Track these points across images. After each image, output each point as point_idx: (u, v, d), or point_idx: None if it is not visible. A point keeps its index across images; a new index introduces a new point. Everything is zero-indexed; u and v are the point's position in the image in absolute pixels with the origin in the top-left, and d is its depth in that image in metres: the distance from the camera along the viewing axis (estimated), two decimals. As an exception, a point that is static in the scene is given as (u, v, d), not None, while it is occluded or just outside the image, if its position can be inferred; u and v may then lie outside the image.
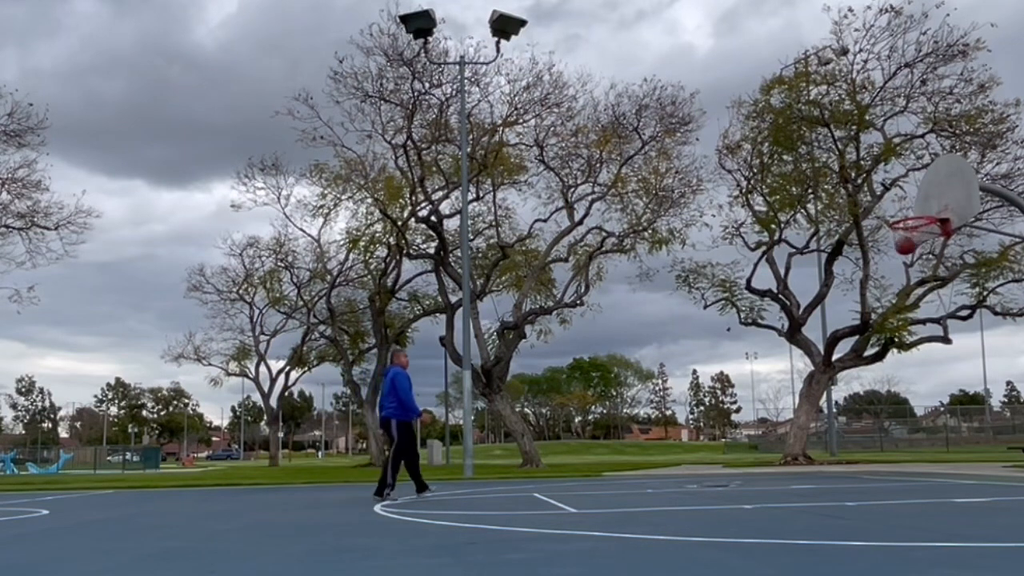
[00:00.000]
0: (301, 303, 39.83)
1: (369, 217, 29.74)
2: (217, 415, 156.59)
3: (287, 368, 43.87)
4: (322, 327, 39.27)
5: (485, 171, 26.78)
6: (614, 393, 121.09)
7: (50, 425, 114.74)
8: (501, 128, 26.60)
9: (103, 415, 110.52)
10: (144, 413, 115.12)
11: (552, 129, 26.61)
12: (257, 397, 53.53)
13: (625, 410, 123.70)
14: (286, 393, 48.08)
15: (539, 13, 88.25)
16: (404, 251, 30.54)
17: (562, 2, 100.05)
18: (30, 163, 26.08)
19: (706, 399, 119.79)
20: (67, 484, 20.09)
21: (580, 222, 27.62)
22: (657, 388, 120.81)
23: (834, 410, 44.81)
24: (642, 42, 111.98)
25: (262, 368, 44.53)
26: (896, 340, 21.85)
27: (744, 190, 23.64)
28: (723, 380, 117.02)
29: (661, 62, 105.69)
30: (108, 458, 52.39)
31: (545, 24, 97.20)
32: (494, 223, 29.12)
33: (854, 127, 21.47)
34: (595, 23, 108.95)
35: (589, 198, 27.53)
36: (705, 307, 24.78)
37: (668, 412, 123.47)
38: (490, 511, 8.74)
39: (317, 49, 71.77)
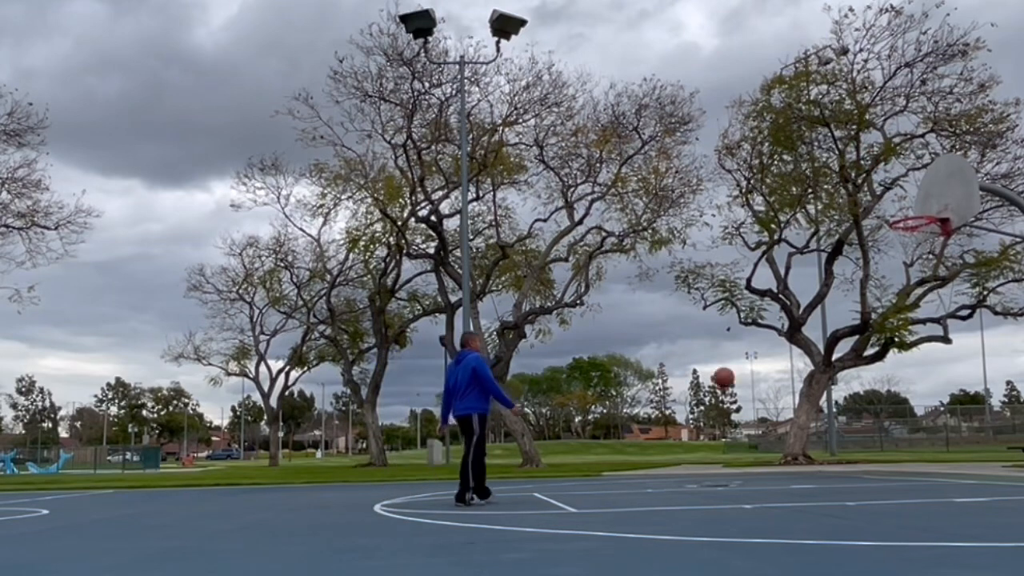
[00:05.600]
0: (301, 303, 39.85)
1: (369, 217, 29.78)
2: (217, 415, 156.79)
3: (287, 368, 43.89)
4: (322, 327, 39.27)
5: (485, 171, 26.79)
6: (614, 393, 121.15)
7: (50, 425, 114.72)
8: (501, 128, 26.61)
9: (103, 415, 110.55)
10: (144, 413, 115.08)
11: (552, 129, 26.67)
12: (257, 397, 53.56)
13: (625, 410, 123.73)
14: (286, 393, 48.06)
15: (543, 13, 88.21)
16: (404, 251, 30.55)
17: (569, 3, 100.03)
18: (30, 163, 26.13)
19: (706, 399, 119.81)
20: (67, 484, 20.09)
21: (580, 222, 27.64)
22: (657, 388, 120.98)
23: (834, 410, 44.82)
24: (646, 42, 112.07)
25: (262, 368, 44.56)
26: (896, 340, 21.84)
27: (744, 190, 23.63)
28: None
29: (665, 62, 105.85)
30: (108, 458, 52.41)
31: (550, 24, 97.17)
32: (494, 223, 29.15)
33: (854, 127, 21.45)
34: (600, 23, 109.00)
35: (589, 198, 27.58)
36: (705, 307, 24.78)
37: (668, 412, 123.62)
38: (490, 511, 8.73)
39: (317, 49, 71.82)
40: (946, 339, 22.34)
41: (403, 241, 29.66)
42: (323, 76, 27.64)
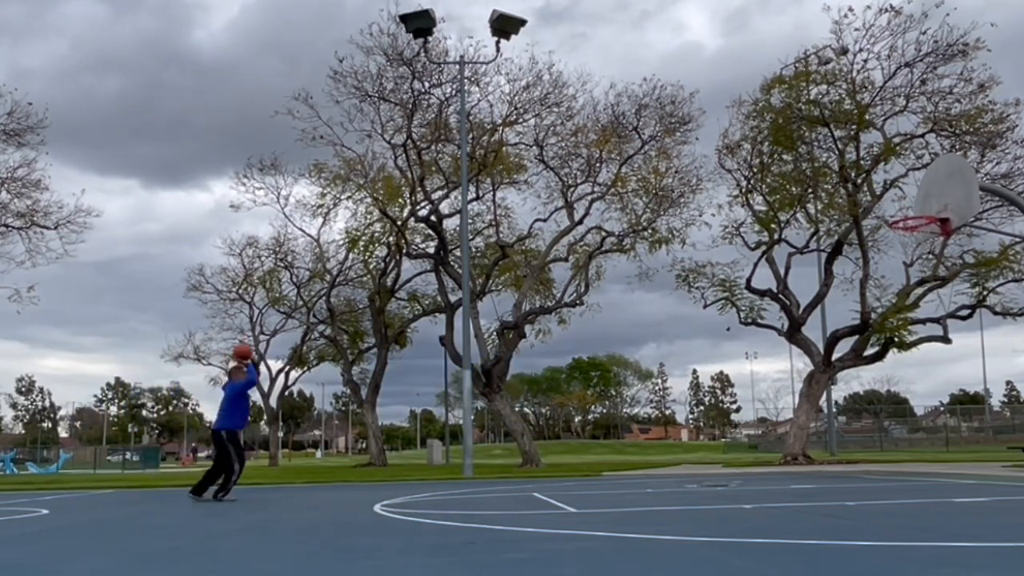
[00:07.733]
0: (301, 303, 39.82)
1: (369, 217, 29.75)
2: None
3: (287, 368, 43.87)
4: (322, 327, 39.25)
5: (485, 171, 26.78)
6: (614, 393, 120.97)
7: (50, 425, 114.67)
8: (501, 128, 26.60)
9: (103, 415, 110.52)
10: (144, 413, 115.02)
11: (552, 129, 26.62)
12: (257, 397, 53.45)
13: (625, 410, 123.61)
14: (286, 393, 48.06)
15: (547, 14, 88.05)
16: (404, 251, 30.53)
17: (573, 3, 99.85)
18: (29, 162, 26.10)
19: (706, 399, 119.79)
20: (67, 484, 20.08)
21: (580, 222, 27.62)
22: (657, 388, 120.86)
23: (834, 410, 44.81)
24: (649, 42, 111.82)
25: (262, 368, 44.52)
26: (896, 340, 21.86)
27: (744, 190, 23.63)
28: (723, 380, 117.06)
29: (668, 62, 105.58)
30: (108, 458, 52.42)
31: (552, 25, 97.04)
32: (494, 223, 29.14)
33: (854, 127, 21.46)
34: (603, 23, 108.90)
35: (589, 198, 27.54)
36: (705, 307, 24.78)
37: (668, 412, 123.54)
38: (490, 511, 8.73)
39: (317, 49, 71.82)
40: (946, 339, 22.35)
41: (403, 241, 29.63)
42: (323, 76, 27.55)
